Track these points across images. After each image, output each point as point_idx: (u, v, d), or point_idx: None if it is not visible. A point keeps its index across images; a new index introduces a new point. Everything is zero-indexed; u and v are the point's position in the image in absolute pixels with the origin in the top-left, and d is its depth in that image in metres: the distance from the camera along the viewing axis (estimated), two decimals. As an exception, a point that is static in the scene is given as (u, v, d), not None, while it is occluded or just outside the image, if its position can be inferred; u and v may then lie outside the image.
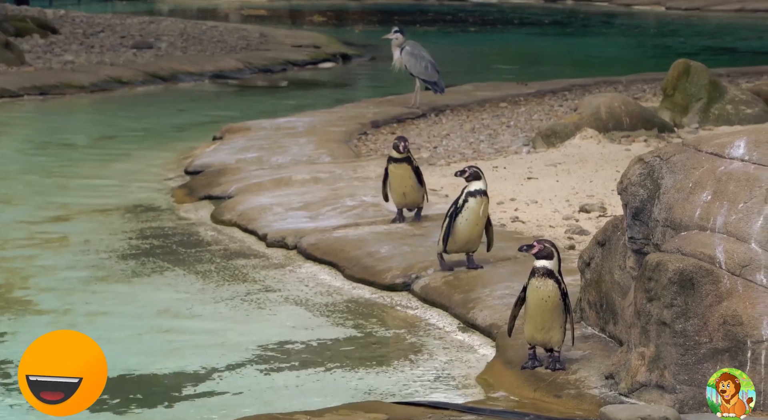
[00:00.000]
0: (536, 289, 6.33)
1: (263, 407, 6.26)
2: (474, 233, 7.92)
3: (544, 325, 6.34)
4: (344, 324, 7.79)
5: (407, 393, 6.53)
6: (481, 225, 7.89)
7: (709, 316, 5.85)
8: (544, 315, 6.33)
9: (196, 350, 7.26)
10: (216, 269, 9.10)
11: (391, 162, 9.21)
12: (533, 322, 6.37)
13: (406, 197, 9.30)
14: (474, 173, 7.82)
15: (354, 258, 8.91)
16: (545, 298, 6.29)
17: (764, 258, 5.86)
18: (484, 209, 7.83)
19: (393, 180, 9.25)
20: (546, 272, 6.34)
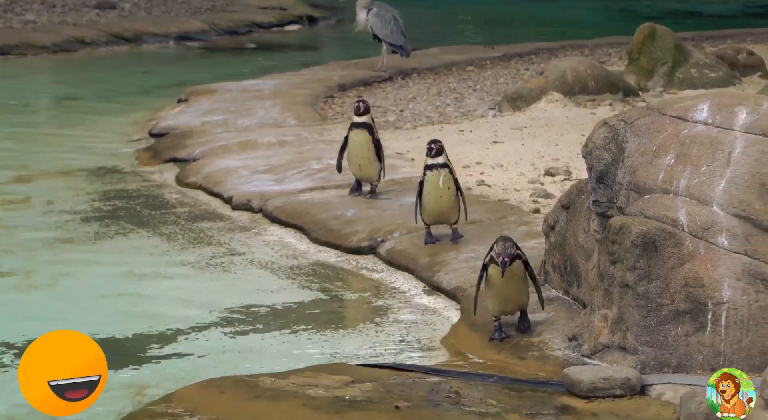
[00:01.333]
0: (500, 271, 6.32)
1: (228, 370, 6.27)
2: (442, 205, 7.80)
3: (512, 295, 6.39)
4: (310, 287, 7.80)
5: (372, 355, 6.56)
6: (447, 196, 7.77)
7: (671, 278, 5.91)
8: (512, 286, 6.37)
9: (161, 313, 7.25)
10: (181, 232, 9.07)
11: (352, 127, 8.88)
12: (502, 296, 6.39)
13: (361, 170, 8.94)
14: (438, 148, 7.74)
15: (320, 221, 8.91)
16: (511, 276, 6.31)
17: (726, 221, 5.92)
18: (444, 180, 7.75)
19: (352, 149, 8.89)
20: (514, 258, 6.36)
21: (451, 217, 7.90)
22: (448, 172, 7.74)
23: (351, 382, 5.94)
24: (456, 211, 7.87)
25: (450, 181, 7.75)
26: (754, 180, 5.90)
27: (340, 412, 5.57)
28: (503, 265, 6.23)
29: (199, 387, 5.91)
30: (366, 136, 8.79)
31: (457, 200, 7.84)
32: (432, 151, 7.72)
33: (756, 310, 5.80)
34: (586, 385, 5.77)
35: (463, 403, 5.72)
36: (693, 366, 5.88)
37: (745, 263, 5.84)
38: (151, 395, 5.93)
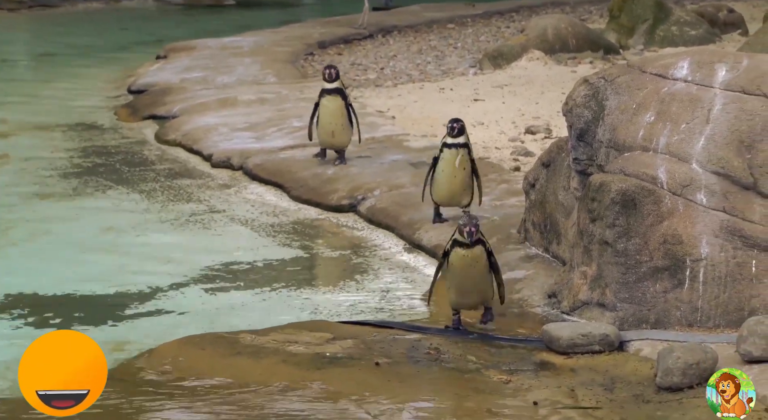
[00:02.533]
0: (463, 256, 5.99)
1: (208, 327, 6.28)
2: (455, 185, 7.36)
3: (473, 287, 6.04)
4: (290, 245, 7.80)
5: (353, 313, 6.58)
6: (461, 177, 7.33)
7: (650, 235, 5.94)
8: (473, 277, 6.02)
9: (141, 270, 7.24)
10: (161, 189, 9.04)
11: (324, 94, 8.57)
12: (463, 288, 6.04)
13: (333, 136, 8.66)
14: (460, 128, 7.30)
15: (300, 179, 8.89)
16: (473, 264, 5.98)
17: (705, 178, 5.94)
18: (461, 160, 7.30)
19: (324, 116, 8.59)
20: (475, 242, 5.99)
21: (463, 200, 7.47)
22: (467, 153, 7.33)
23: (331, 339, 5.96)
24: (468, 194, 7.44)
25: (467, 162, 7.33)
26: (732, 137, 5.92)
27: (320, 369, 5.59)
28: (470, 235, 5.88)
29: (179, 343, 5.92)
30: (339, 102, 8.55)
31: (472, 182, 7.39)
32: (454, 130, 7.28)
33: (733, 266, 5.85)
34: (565, 341, 5.81)
35: (442, 360, 5.76)
36: (671, 322, 5.92)
37: (723, 220, 5.87)
38: (130, 352, 5.93)
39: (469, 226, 5.92)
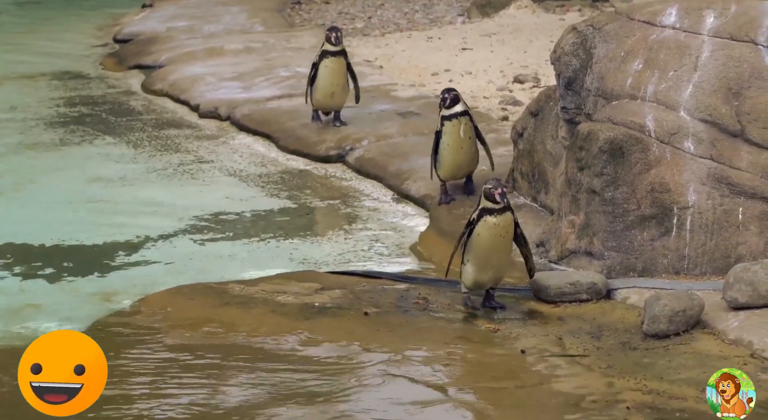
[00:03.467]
0: (494, 226, 5.60)
1: (197, 277, 6.28)
2: (462, 157, 7.00)
3: (497, 262, 5.68)
4: (278, 195, 7.79)
5: (341, 263, 6.59)
6: (468, 147, 6.98)
7: (638, 183, 5.95)
8: (500, 250, 5.67)
9: (129, 220, 7.23)
10: (148, 139, 9.00)
11: (327, 56, 8.28)
12: (486, 262, 5.67)
13: (333, 98, 8.44)
14: (453, 98, 6.90)
15: (288, 129, 8.85)
16: (503, 234, 5.63)
17: (692, 125, 5.94)
18: (464, 130, 6.92)
19: (325, 77, 8.34)
20: (505, 208, 5.62)
21: (470, 169, 7.14)
22: (469, 120, 6.95)
23: (320, 289, 5.98)
24: (475, 162, 7.11)
25: (471, 130, 6.96)
26: (720, 84, 5.91)
27: (309, 319, 5.61)
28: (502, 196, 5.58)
29: (168, 294, 5.93)
30: (342, 63, 8.34)
31: (477, 150, 7.06)
32: (446, 101, 6.87)
33: (720, 213, 5.87)
34: (553, 290, 5.84)
35: (431, 309, 5.78)
36: (658, 270, 5.96)
37: (711, 168, 5.88)
38: (119, 302, 5.94)
39: (499, 187, 5.57)
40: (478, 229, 5.59)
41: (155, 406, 4.76)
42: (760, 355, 5.08)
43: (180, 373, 5.07)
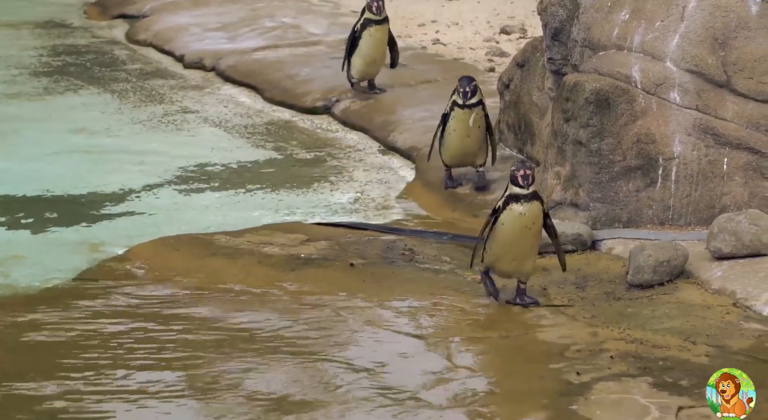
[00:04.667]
0: (520, 215, 5.09)
1: (183, 227, 6.28)
2: (468, 145, 6.69)
3: (520, 254, 5.19)
4: (264, 146, 7.77)
5: (328, 214, 6.59)
6: (475, 136, 6.67)
7: (624, 134, 5.95)
8: (524, 243, 5.16)
9: (114, 170, 7.20)
10: (132, 89, 8.94)
11: (371, 25, 8.01)
12: (506, 252, 5.19)
13: (375, 65, 8.15)
14: (473, 90, 6.60)
15: (274, 80, 8.81)
16: (529, 226, 5.12)
17: (678, 76, 5.93)
18: (474, 119, 6.63)
19: (367, 46, 8.04)
20: (533, 196, 5.11)
21: (477, 159, 6.78)
22: (481, 110, 6.65)
23: (306, 240, 5.98)
24: (483, 153, 6.76)
25: (481, 119, 6.66)
26: (707, 34, 5.89)
27: (295, 270, 5.62)
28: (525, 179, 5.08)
29: (154, 244, 5.92)
30: (386, 32, 8.09)
31: (485, 140, 6.73)
32: (467, 95, 6.57)
33: (705, 164, 5.88)
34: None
35: (417, 261, 5.80)
36: (643, 221, 5.98)
37: (696, 118, 5.88)
38: (106, 252, 5.93)
39: (522, 168, 5.06)
40: (502, 218, 5.09)
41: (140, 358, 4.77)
42: (742, 305, 5.12)
43: (165, 323, 5.08)
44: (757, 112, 5.80)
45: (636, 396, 4.33)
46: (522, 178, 5.04)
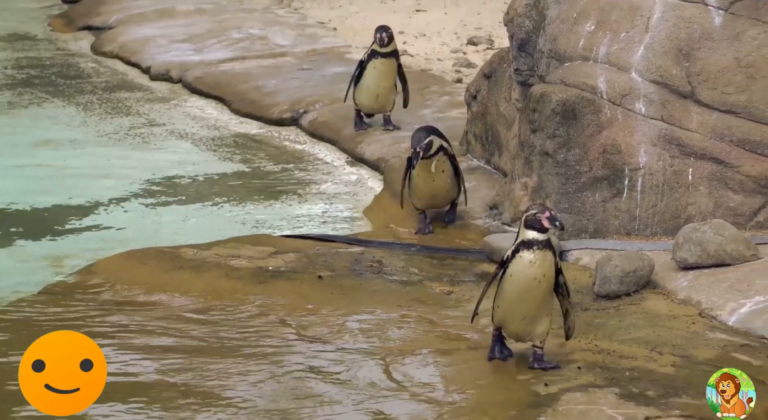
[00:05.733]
0: (529, 264, 4.55)
1: (149, 241, 6.23)
2: (435, 188, 6.31)
3: (529, 313, 4.62)
4: (232, 159, 7.74)
5: (295, 226, 6.57)
6: (441, 181, 6.30)
7: (590, 145, 5.98)
8: (533, 299, 4.59)
9: (80, 184, 7.14)
10: (98, 102, 8.88)
11: (376, 57, 7.53)
12: (514, 309, 4.64)
13: (377, 100, 7.65)
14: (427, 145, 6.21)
15: (241, 92, 8.79)
16: (539, 278, 4.56)
17: (644, 87, 5.96)
18: (437, 165, 6.25)
19: (372, 78, 7.56)
20: (545, 244, 4.57)
21: (445, 201, 6.44)
22: (443, 155, 6.26)
23: (274, 252, 5.96)
24: (454, 192, 6.40)
25: (444, 165, 6.28)
26: (671, 45, 5.93)
27: (263, 283, 5.60)
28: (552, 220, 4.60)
29: (120, 258, 5.88)
30: (393, 66, 7.58)
31: (456, 182, 6.37)
32: (420, 142, 6.15)
33: (670, 174, 5.92)
34: (506, 252, 5.85)
35: (385, 272, 5.79)
36: (609, 231, 6.00)
37: (662, 129, 5.92)
38: (71, 266, 5.88)
39: (546, 210, 4.57)
40: (511, 269, 4.56)
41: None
42: (708, 314, 5.15)
43: (132, 337, 5.04)
44: (720, 123, 5.84)
45: (603, 407, 4.34)
46: (549, 221, 4.52)
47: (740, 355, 4.76)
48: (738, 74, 5.83)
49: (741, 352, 4.79)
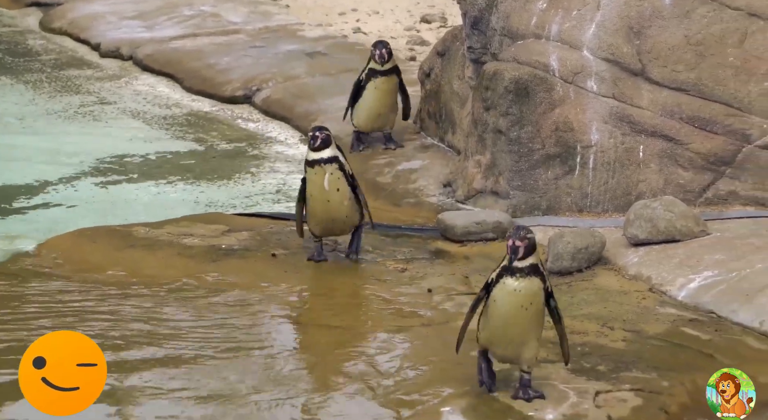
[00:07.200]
0: (514, 292, 4.22)
1: (100, 220, 6.17)
2: (332, 211, 5.64)
3: (516, 338, 4.30)
4: (184, 137, 7.68)
5: (249, 205, 6.55)
6: (337, 200, 5.61)
7: (543, 123, 6.01)
8: (520, 325, 4.28)
9: (28, 163, 7.06)
10: (47, 79, 8.76)
11: (376, 76, 7.04)
12: (500, 334, 4.32)
13: (378, 119, 7.13)
14: (324, 139, 5.58)
15: (193, 69, 8.71)
16: (525, 305, 4.24)
17: (595, 65, 6.00)
18: (330, 180, 5.59)
19: (373, 99, 7.06)
20: (531, 270, 4.21)
21: (346, 227, 5.73)
22: (337, 169, 5.59)
23: (227, 231, 5.94)
24: (355, 216, 5.69)
25: (340, 181, 5.60)
26: (622, 23, 5.97)
27: (216, 261, 5.58)
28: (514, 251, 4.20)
29: (70, 236, 5.82)
30: (393, 83, 7.10)
31: (356, 202, 5.67)
32: (316, 140, 5.56)
33: (622, 152, 5.97)
34: (459, 229, 5.89)
35: (339, 250, 5.79)
36: (561, 208, 6.05)
37: (613, 106, 5.97)
38: (20, 245, 5.81)
39: (513, 238, 4.17)
40: (494, 294, 4.25)
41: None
42: (658, 290, 5.22)
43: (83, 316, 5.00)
44: (671, 100, 5.90)
45: (555, 381, 4.38)
46: (511, 250, 4.16)
47: (689, 329, 4.84)
48: (688, 52, 5.88)
49: (690, 326, 4.86)
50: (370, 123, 7.16)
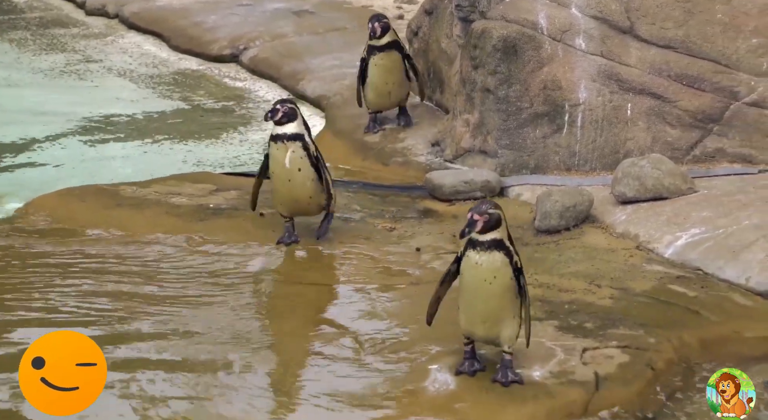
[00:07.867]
0: (475, 265, 4.12)
1: (88, 179, 6.16)
2: (295, 191, 5.37)
3: (488, 315, 4.18)
4: (171, 96, 7.64)
5: (236, 164, 6.53)
6: (298, 179, 5.32)
7: (531, 81, 5.99)
8: (486, 301, 4.16)
9: (14, 121, 7.03)
10: (32, 38, 8.70)
11: (374, 52, 6.70)
12: (471, 311, 4.21)
13: (390, 97, 6.81)
14: (287, 113, 5.30)
15: (179, 28, 8.66)
16: (489, 279, 4.12)
17: (584, 22, 5.98)
18: (292, 159, 5.29)
19: (377, 76, 6.74)
20: (492, 244, 4.10)
21: (312, 209, 5.47)
22: (300, 148, 5.30)
23: (215, 190, 5.92)
24: (320, 197, 5.42)
25: (302, 160, 5.31)
26: (611, -19, 5.95)
27: (203, 220, 5.56)
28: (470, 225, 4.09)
29: (58, 195, 5.80)
30: (396, 57, 6.74)
31: (320, 185, 5.38)
32: (276, 113, 5.27)
33: (610, 110, 5.97)
34: (447, 188, 5.89)
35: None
36: (549, 167, 6.05)
37: (601, 64, 5.95)
38: (7, 204, 5.79)
39: (473, 211, 4.10)
40: (462, 266, 4.16)
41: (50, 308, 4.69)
42: (645, 247, 5.24)
43: (72, 274, 5.00)
44: (659, 58, 5.89)
45: (542, 339, 4.41)
46: (468, 223, 4.07)
47: (676, 286, 4.86)
48: (676, 9, 5.86)
49: (677, 283, 4.89)
50: (380, 101, 6.83)
